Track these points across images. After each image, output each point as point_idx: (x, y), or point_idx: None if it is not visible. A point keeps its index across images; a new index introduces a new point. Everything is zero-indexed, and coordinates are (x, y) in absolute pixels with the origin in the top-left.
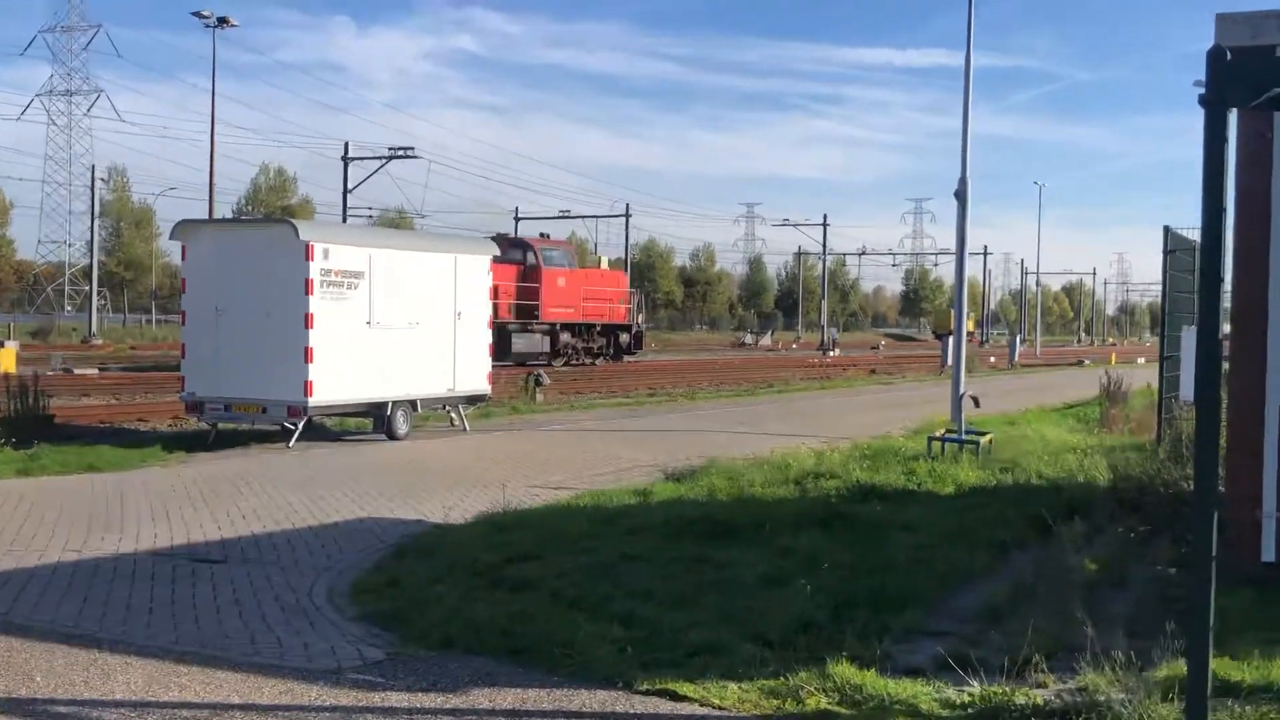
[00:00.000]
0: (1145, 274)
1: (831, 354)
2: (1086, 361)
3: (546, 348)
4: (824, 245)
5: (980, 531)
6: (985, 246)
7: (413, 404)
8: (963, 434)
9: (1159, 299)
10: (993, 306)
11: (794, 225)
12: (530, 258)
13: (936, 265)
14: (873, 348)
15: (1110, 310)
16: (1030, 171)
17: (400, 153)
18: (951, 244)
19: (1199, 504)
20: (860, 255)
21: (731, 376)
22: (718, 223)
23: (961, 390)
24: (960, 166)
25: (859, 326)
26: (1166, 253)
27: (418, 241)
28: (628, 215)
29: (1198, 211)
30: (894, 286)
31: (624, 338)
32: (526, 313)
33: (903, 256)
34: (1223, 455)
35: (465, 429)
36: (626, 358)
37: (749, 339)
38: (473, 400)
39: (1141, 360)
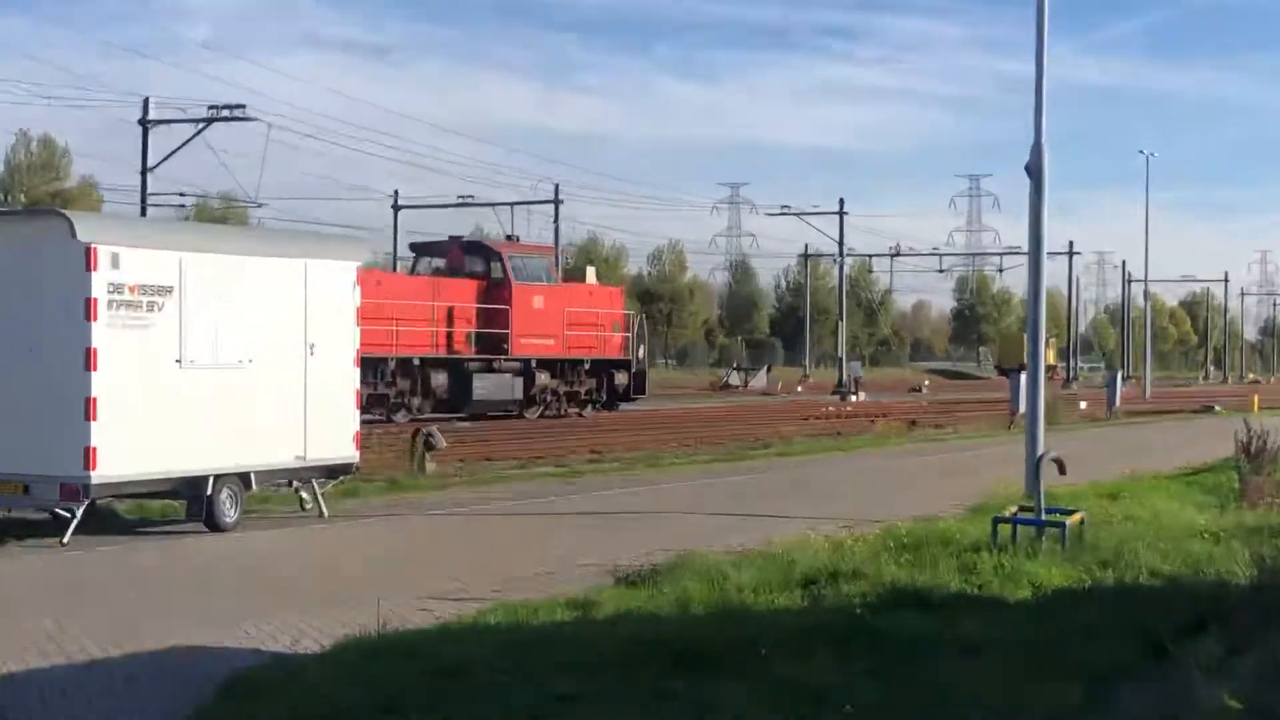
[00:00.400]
0: None
1: (853, 399)
2: (1219, 408)
3: (518, 393)
4: (840, 243)
5: (1069, 654)
6: (1071, 244)
7: (245, 479)
8: (1042, 513)
9: None
10: (1083, 329)
11: (797, 214)
12: (496, 269)
13: (1001, 272)
14: (913, 389)
15: (1250, 333)
16: (1134, 137)
17: (226, 113)
18: (1021, 240)
19: None
20: (893, 256)
21: (711, 433)
22: (689, 212)
23: (1040, 450)
24: (1034, 129)
25: (892, 359)
26: None
27: (252, 242)
28: (557, 201)
29: None
30: (941, 301)
31: (620, 378)
32: (491, 345)
33: (953, 258)
34: None
35: (323, 514)
36: (623, 405)
37: (735, 379)
38: (334, 472)
39: None
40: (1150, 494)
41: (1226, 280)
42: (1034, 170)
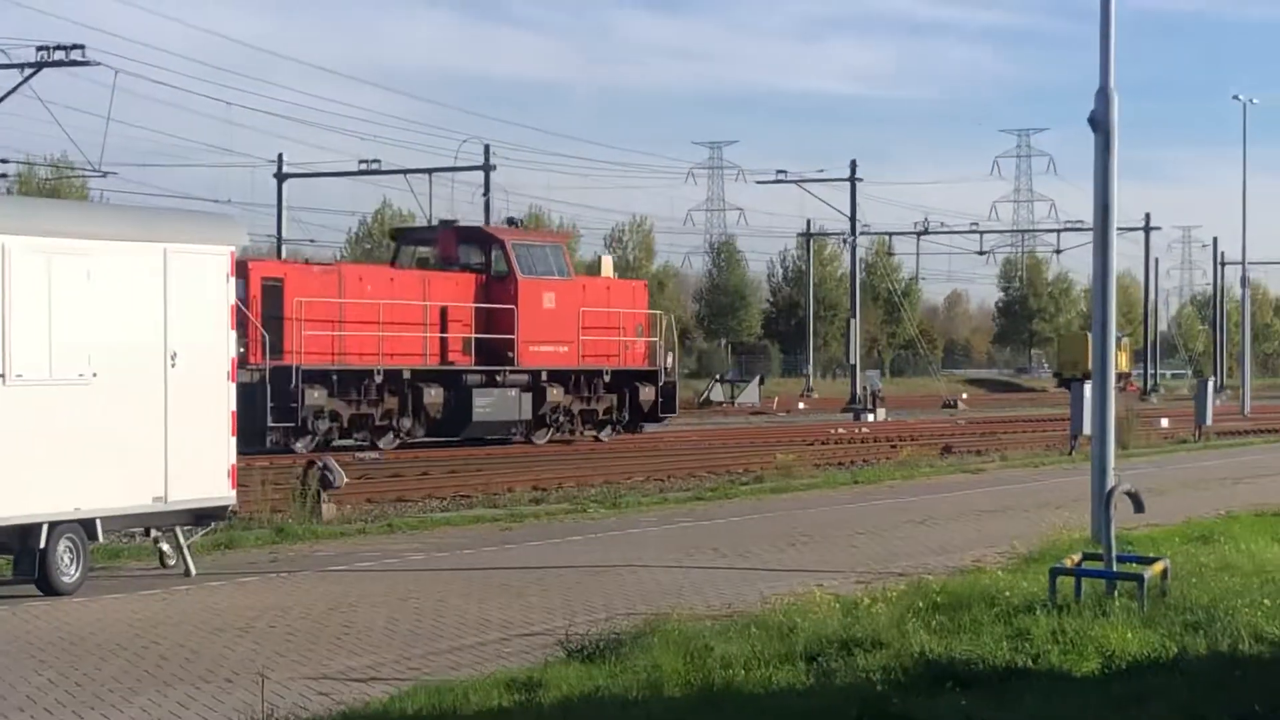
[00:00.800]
0: None
1: (870, 418)
2: None
3: (526, 412)
4: (852, 218)
5: None
6: (1148, 216)
7: (89, 527)
8: (1114, 563)
9: None
10: (1164, 326)
11: (797, 181)
12: (498, 260)
13: (1059, 254)
14: (947, 405)
15: None
16: (1227, 77)
17: (60, 55)
18: (1083, 213)
19: None
20: (920, 235)
21: (687, 463)
22: (659, 181)
23: (1110, 482)
24: (1099, 70)
25: (920, 367)
26: None
27: (95, 223)
28: (488, 167)
29: None
30: (983, 292)
31: (646, 392)
32: (494, 354)
33: (998, 237)
34: None
35: (189, 571)
36: (648, 426)
37: (718, 393)
38: (203, 518)
39: None
40: (1253, 536)
41: None
42: (1100, 122)
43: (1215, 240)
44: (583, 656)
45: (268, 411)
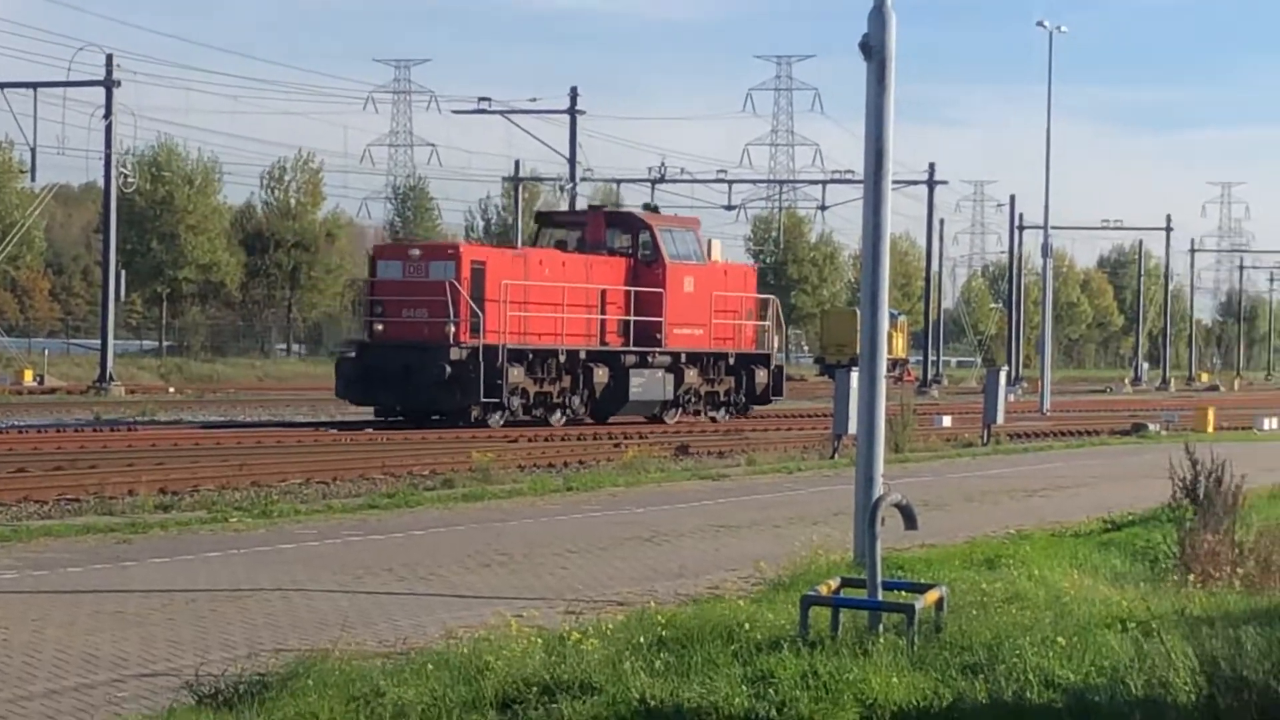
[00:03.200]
0: None
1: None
2: (1154, 427)
3: (670, 392)
4: (572, 159)
5: None
6: (932, 167)
7: None
8: (879, 590)
9: None
10: (949, 302)
11: (503, 112)
12: (646, 245)
13: (823, 210)
14: None
15: (1205, 310)
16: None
17: None
18: (854, 161)
19: None
20: (655, 183)
21: (358, 461)
22: (328, 105)
23: (877, 492)
24: None
25: None
26: None
27: None
28: (110, 83)
29: None
30: (731, 254)
31: (760, 375)
32: (645, 335)
33: (750, 187)
34: None
35: None
36: (755, 407)
37: None
38: None
39: (1272, 423)
40: (1047, 561)
41: (1169, 229)
42: (874, 48)
43: (1012, 199)
44: (217, 703)
45: (480, 388)
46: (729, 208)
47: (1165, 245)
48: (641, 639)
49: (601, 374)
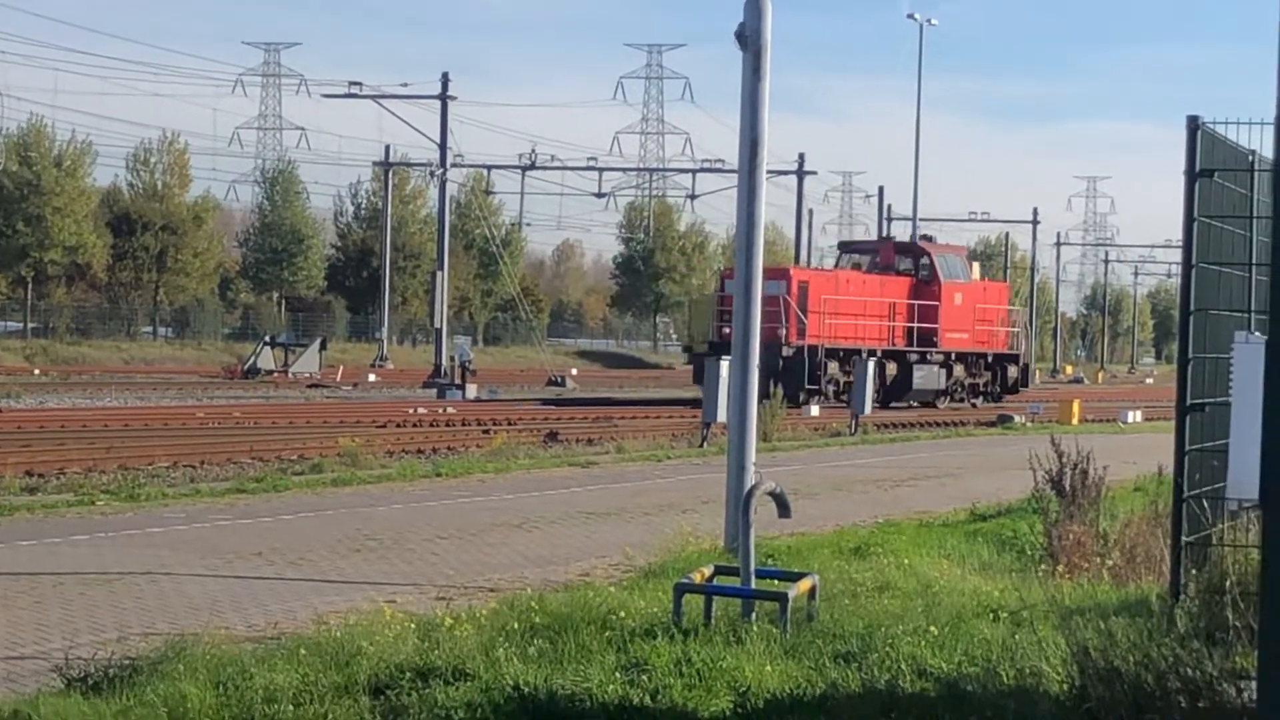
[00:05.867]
0: (1148, 223)
1: (458, 395)
2: (1020, 418)
3: (943, 383)
4: (442, 145)
5: None
6: (801, 158)
7: None
8: (752, 579)
9: (1174, 279)
10: None
11: (374, 97)
12: (925, 268)
13: (693, 199)
14: (553, 382)
15: (1070, 304)
16: None
17: None
18: (724, 149)
19: None
20: (526, 169)
21: (226, 445)
22: (197, 87)
23: (750, 481)
24: None
25: (521, 335)
26: (1193, 175)
27: None
28: None
29: (1266, 92)
30: (600, 243)
31: (1011, 371)
32: (924, 339)
33: (620, 176)
34: None
35: None
36: (1006, 396)
37: (268, 360)
38: None
39: (1135, 415)
40: (915, 550)
41: (1036, 222)
42: (750, 38)
43: (881, 190)
44: (86, 686)
45: (805, 378)
46: (599, 195)
47: (1032, 238)
48: (515, 625)
49: (892, 368)
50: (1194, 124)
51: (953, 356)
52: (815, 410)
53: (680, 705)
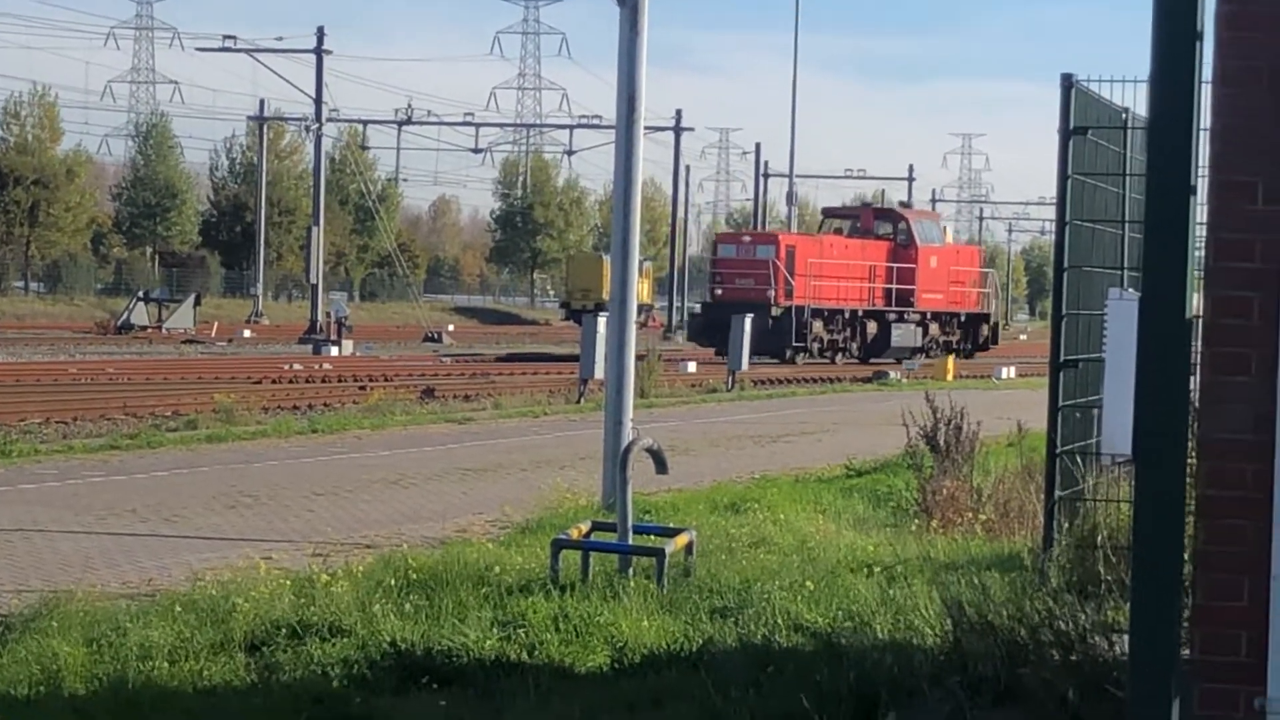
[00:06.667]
0: (1023, 180)
1: (334, 351)
2: (895, 375)
3: (920, 341)
4: (318, 100)
5: None
6: (679, 114)
7: None
8: (629, 534)
9: (1048, 236)
10: (695, 249)
11: (248, 50)
12: (903, 232)
13: (570, 155)
14: (430, 338)
15: None
16: None
17: None
18: (601, 105)
19: (1138, 685)
20: (402, 125)
21: (99, 402)
22: (68, 39)
23: (627, 438)
24: None
25: (398, 291)
26: (1068, 133)
27: None
28: None
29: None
30: (477, 199)
31: (981, 330)
32: (901, 299)
33: (497, 131)
34: (1188, 578)
35: None
36: (977, 353)
37: (141, 315)
38: None
39: (1009, 371)
40: (791, 505)
41: (912, 179)
42: None
43: (758, 147)
44: None
45: (791, 336)
46: (476, 150)
47: (908, 195)
48: (391, 581)
49: (872, 327)
50: (1068, 82)
51: (928, 316)
52: (693, 367)
53: (557, 660)
